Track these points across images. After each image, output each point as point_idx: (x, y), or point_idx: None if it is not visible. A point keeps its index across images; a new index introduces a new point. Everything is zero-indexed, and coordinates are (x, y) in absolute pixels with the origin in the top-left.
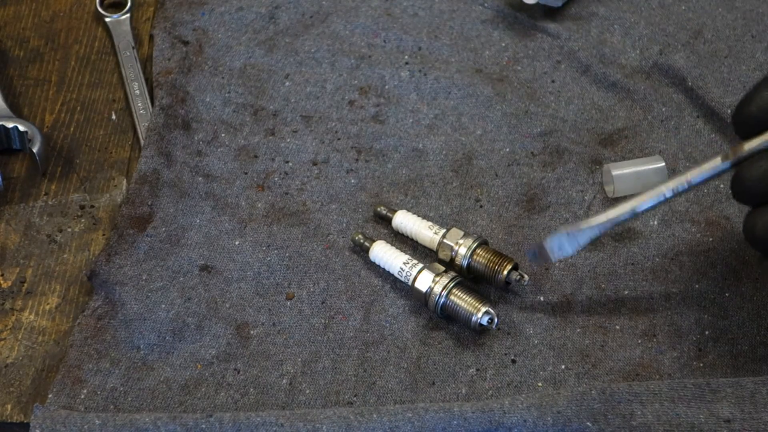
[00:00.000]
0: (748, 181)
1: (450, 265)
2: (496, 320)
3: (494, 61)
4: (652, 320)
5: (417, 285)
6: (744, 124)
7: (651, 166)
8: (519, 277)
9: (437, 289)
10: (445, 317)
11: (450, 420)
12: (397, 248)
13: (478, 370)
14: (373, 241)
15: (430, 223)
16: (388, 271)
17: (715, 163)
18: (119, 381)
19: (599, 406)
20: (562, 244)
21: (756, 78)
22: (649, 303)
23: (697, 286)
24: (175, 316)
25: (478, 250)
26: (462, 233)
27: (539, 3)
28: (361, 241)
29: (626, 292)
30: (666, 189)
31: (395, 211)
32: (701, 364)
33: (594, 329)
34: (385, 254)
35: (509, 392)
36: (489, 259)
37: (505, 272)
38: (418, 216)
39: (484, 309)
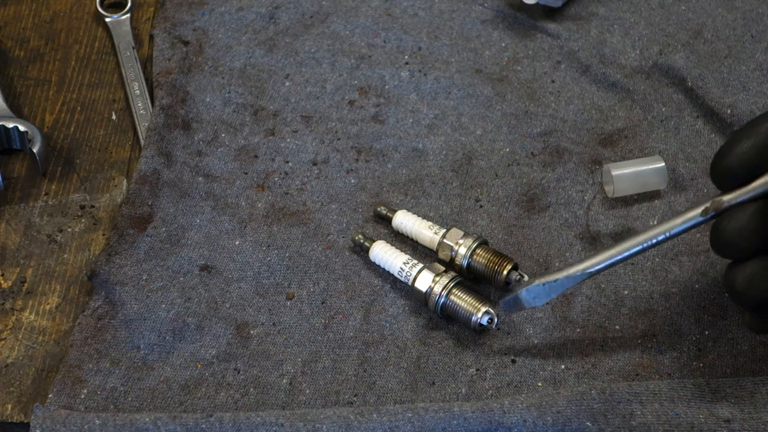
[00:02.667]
0: (726, 234)
1: (450, 265)
2: (496, 320)
3: (494, 61)
4: (652, 320)
5: (417, 285)
6: (722, 177)
7: (651, 166)
8: (519, 277)
9: (437, 289)
10: (445, 317)
11: (450, 420)
12: (397, 248)
13: (478, 370)
14: (373, 241)
15: (430, 223)
16: (388, 271)
17: (695, 216)
18: (119, 381)
19: (599, 406)
20: (537, 294)
21: (756, 78)
22: (649, 303)
23: (697, 286)
24: (175, 316)
25: (478, 250)
26: (462, 233)
27: (539, 3)
28: (361, 241)
29: (626, 292)
30: (647, 238)
31: (395, 211)
32: (701, 364)
33: (594, 329)
34: (385, 254)
35: (509, 392)
36: (489, 259)
37: (505, 272)
38: (418, 216)
39: (484, 309)
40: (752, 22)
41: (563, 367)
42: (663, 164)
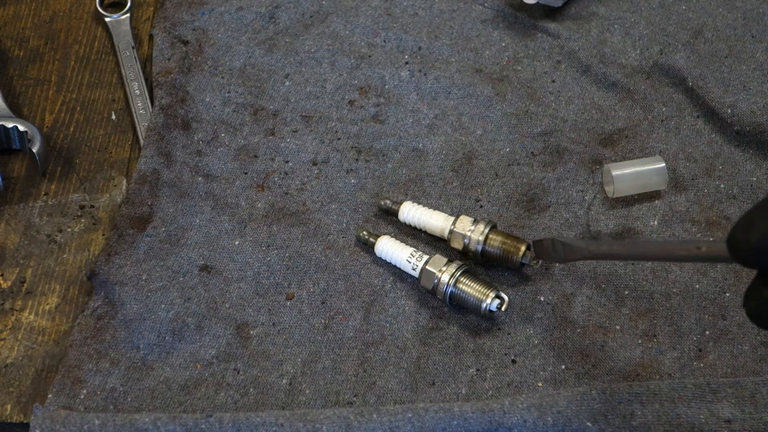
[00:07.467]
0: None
1: (463, 252)
2: (506, 301)
3: (494, 61)
4: (652, 320)
5: (424, 275)
6: (749, 253)
7: (651, 166)
8: (533, 257)
9: (444, 278)
10: (455, 307)
11: (450, 420)
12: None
13: (478, 370)
14: (378, 236)
15: (439, 212)
16: (393, 268)
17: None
18: (119, 381)
19: (599, 406)
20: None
21: (756, 78)
22: (649, 303)
23: (697, 286)
24: (175, 316)
25: (491, 235)
26: (472, 219)
27: (539, 3)
28: (366, 236)
29: (626, 292)
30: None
31: (400, 204)
32: (701, 364)
33: (594, 329)
34: (391, 248)
35: (509, 392)
36: (503, 242)
37: (520, 254)
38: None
39: (493, 294)
40: (753, 22)
41: (563, 367)
42: (663, 164)
